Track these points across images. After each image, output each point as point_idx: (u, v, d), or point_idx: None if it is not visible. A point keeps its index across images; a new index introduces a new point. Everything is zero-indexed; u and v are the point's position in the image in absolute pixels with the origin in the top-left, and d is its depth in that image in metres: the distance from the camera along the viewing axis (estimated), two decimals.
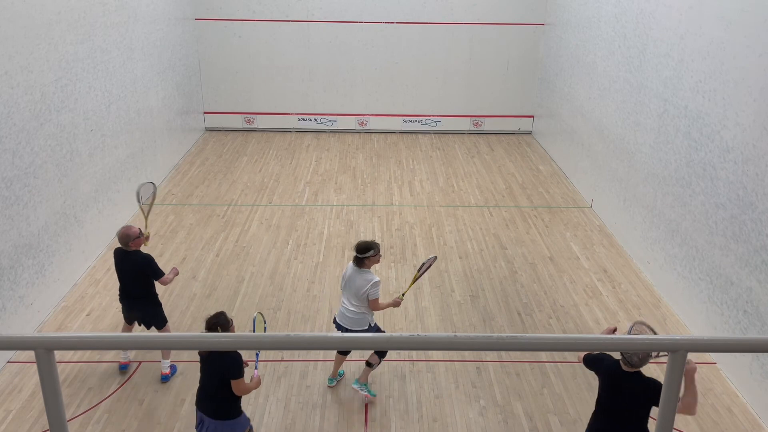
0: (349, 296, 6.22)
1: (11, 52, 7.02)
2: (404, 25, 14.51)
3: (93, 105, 9.01)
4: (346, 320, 6.23)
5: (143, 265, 6.37)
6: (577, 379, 6.89)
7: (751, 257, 6.55)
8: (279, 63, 14.68)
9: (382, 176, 12.58)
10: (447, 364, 7.04)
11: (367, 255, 6.14)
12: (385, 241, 9.82)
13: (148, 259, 6.41)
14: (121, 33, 9.96)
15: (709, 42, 7.50)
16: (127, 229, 6.41)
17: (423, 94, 15.10)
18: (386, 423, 6.24)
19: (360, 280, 6.12)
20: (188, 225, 10.27)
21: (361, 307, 6.18)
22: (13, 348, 2.08)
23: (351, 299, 6.21)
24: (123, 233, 6.39)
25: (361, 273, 6.15)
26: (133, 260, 6.39)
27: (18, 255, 7.16)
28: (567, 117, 12.72)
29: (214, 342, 2.74)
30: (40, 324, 7.57)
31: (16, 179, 7.11)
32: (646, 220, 9.04)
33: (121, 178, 10.02)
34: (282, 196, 11.48)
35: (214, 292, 8.35)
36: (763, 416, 6.36)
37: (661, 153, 8.62)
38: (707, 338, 2.37)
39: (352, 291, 6.18)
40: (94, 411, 6.30)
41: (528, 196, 11.71)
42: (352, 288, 6.17)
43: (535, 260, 9.37)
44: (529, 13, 14.48)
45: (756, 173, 6.54)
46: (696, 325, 7.64)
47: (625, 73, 9.82)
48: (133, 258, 6.40)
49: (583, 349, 2.15)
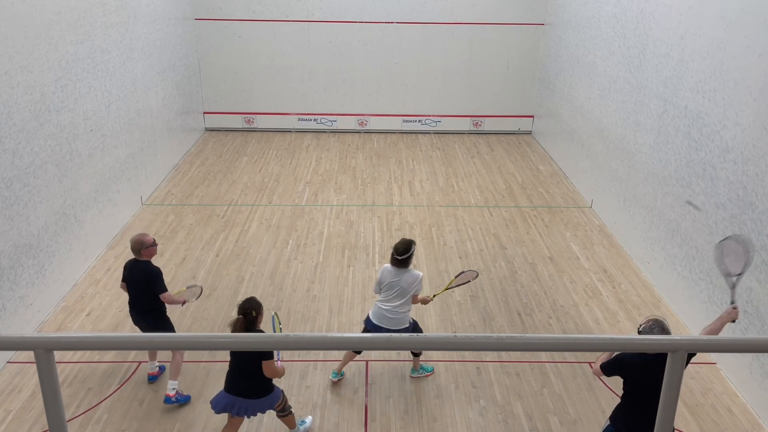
0: (391, 297, 6.21)
1: (11, 52, 7.02)
2: (404, 25, 14.52)
3: (93, 105, 9.01)
4: (387, 321, 6.23)
5: (149, 275, 6.17)
6: (577, 379, 6.89)
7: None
8: (279, 63, 14.69)
9: (382, 176, 12.58)
10: (447, 364, 7.04)
11: (408, 255, 6.18)
12: (385, 242, 9.82)
13: (155, 272, 6.19)
14: (121, 33, 9.96)
15: (709, 42, 7.50)
16: (141, 236, 6.23)
17: (423, 94, 15.11)
18: (386, 423, 6.23)
19: (409, 278, 6.18)
20: (188, 225, 10.27)
21: (404, 306, 6.23)
22: (13, 348, 2.08)
23: (394, 300, 6.20)
24: (137, 240, 6.20)
25: (406, 272, 6.20)
26: (142, 269, 6.21)
27: (18, 255, 7.16)
28: (567, 117, 12.72)
29: (213, 342, 2.74)
30: (39, 324, 7.57)
31: (16, 179, 7.11)
32: (646, 220, 9.04)
33: (121, 178, 10.02)
34: (282, 196, 11.48)
35: (214, 292, 8.35)
36: (763, 416, 6.36)
37: (661, 153, 8.62)
38: (707, 338, 2.37)
39: (396, 291, 6.18)
40: (93, 411, 6.30)
41: (528, 196, 11.71)
42: (396, 288, 6.18)
43: (535, 260, 9.36)
44: (529, 13, 14.48)
45: (756, 173, 6.54)
46: (696, 325, 7.64)
47: (625, 73, 9.82)
48: (142, 267, 6.22)
49: (583, 349, 2.15)
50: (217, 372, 6.83)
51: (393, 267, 6.22)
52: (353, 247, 9.63)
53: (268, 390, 5.33)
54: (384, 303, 6.26)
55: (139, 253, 6.21)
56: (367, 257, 9.35)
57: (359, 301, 8.25)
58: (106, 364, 6.94)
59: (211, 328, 7.63)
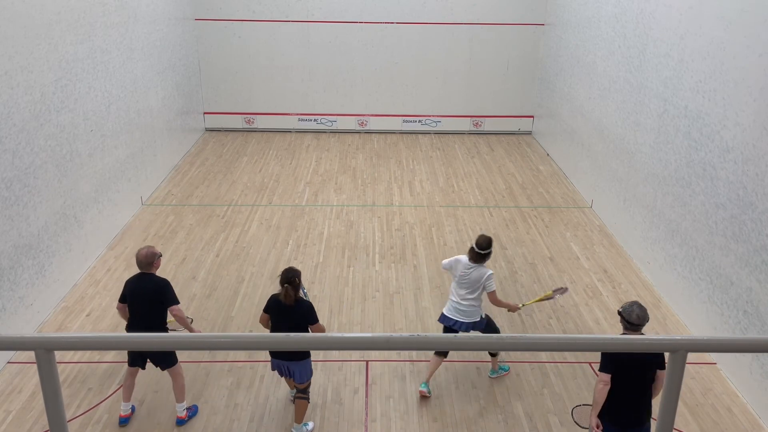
0: (461, 290, 6.41)
1: (11, 52, 7.02)
2: (404, 26, 14.52)
3: (93, 105, 9.01)
4: (460, 313, 6.42)
5: (162, 287, 5.86)
6: (577, 379, 6.89)
7: (751, 257, 6.55)
8: (279, 63, 14.69)
9: (382, 176, 12.58)
10: (447, 364, 7.04)
11: (488, 252, 6.36)
12: (385, 242, 9.82)
13: (167, 283, 5.91)
14: (121, 33, 9.96)
15: (709, 42, 7.50)
16: (151, 249, 5.92)
17: (423, 94, 15.11)
18: (386, 423, 6.23)
19: (477, 273, 6.35)
20: (188, 225, 10.27)
21: (475, 300, 6.41)
22: (13, 348, 2.08)
23: (464, 293, 6.40)
24: (149, 252, 5.89)
25: (478, 267, 6.36)
26: (152, 281, 5.89)
27: (18, 255, 7.16)
28: (567, 117, 12.72)
29: (213, 342, 2.74)
30: (40, 324, 7.57)
31: (16, 179, 7.11)
32: (646, 220, 9.04)
33: (121, 178, 10.02)
34: (282, 197, 11.48)
35: (214, 293, 8.35)
36: (763, 416, 6.36)
37: (661, 153, 8.63)
38: (707, 338, 2.37)
39: (466, 285, 6.38)
40: (94, 411, 6.30)
41: (528, 196, 11.71)
42: (466, 282, 6.37)
43: (536, 260, 9.37)
44: (529, 13, 14.48)
45: (756, 173, 6.54)
46: (696, 325, 7.64)
47: (625, 73, 9.83)
48: (152, 279, 5.90)
49: (583, 349, 2.15)
50: (217, 372, 6.84)
51: (469, 260, 6.38)
52: (353, 248, 9.63)
53: (306, 354, 5.84)
54: (455, 296, 6.47)
55: (150, 265, 5.89)
56: (367, 257, 9.36)
57: (359, 301, 8.25)
58: (107, 364, 6.94)
59: (211, 328, 7.63)
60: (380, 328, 7.71)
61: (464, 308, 6.41)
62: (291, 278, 5.66)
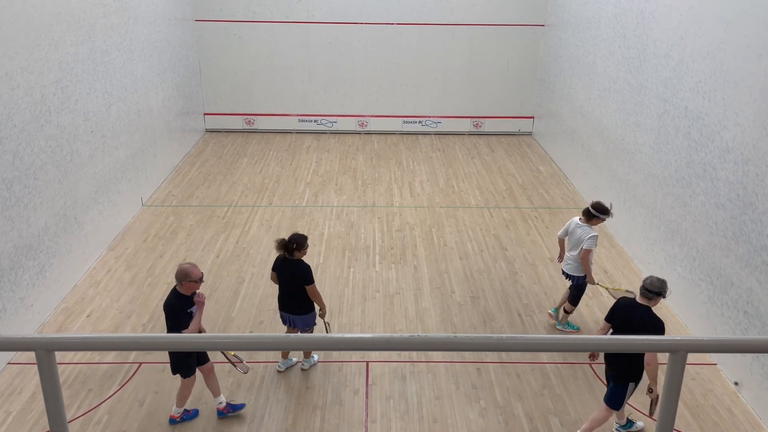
0: (570, 246, 7.32)
1: (11, 53, 7.03)
2: (404, 26, 14.52)
3: (93, 106, 9.01)
4: (568, 267, 7.38)
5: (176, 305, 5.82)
6: (578, 380, 6.89)
7: (752, 258, 6.55)
8: (279, 64, 14.69)
9: (382, 177, 12.58)
10: (447, 365, 7.04)
11: (600, 215, 7.12)
12: (385, 242, 9.82)
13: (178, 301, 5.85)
14: (121, 34, 9.97)
15: (709, 42, 7.50)
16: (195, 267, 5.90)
17: (423, 95, 15.11)
18: (386, 423, 6.23)
19: (582, 232, 7.14)
20: (188, 226, 10.27)
21: (578, 256, 7.20)
22: (14, 349, 2.08)
23: (572, 248, 7.28)
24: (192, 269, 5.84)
25: (583, 226, 7.17)
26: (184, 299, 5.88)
27: (18, 256, 7.16)
28: (567, 118, 12.72)
29: (213, 342, 2.74)
30: (40, 325, 7.57)
31: (16, 180, 7.11)
32: (647, 221, 9.04)
33: (121, 179, 10.02)
34: (282, 197, 11.48)
35: (215, 293, 8.35)
36: (763, 416, 6.36)
37: (661, 153, 8.62)
38: (707, 338, 2.37)
39: (574, 241, 7.24)
40: (94, 412, 6.30)
41: (528, 196, 11.71)
42: (572, 238, 7.27)
43: (536, 261, 9.36)
44: (529, 14, 14.48)
45: (756, 174, 6.54)
46: (696, 325, 7.64)
47: (625, 74, 9.83)
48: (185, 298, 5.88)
49: (583, 349, 2.15)
50: (217, 373, 6.83)
51: (580, 220, 7.24)
52: (353, 248, 9.63)
53: (310, 309, 6.59)
54: (568, 252, 7.40)
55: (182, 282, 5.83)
56: (367, 258, 9.35)
57: (359, 301, 8.25)
58: (107, 365, 6.94)
59: (211, 328, 7.63)
60: (380, 328, 7.71)
61: (570, 262, 7.34)
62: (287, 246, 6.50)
